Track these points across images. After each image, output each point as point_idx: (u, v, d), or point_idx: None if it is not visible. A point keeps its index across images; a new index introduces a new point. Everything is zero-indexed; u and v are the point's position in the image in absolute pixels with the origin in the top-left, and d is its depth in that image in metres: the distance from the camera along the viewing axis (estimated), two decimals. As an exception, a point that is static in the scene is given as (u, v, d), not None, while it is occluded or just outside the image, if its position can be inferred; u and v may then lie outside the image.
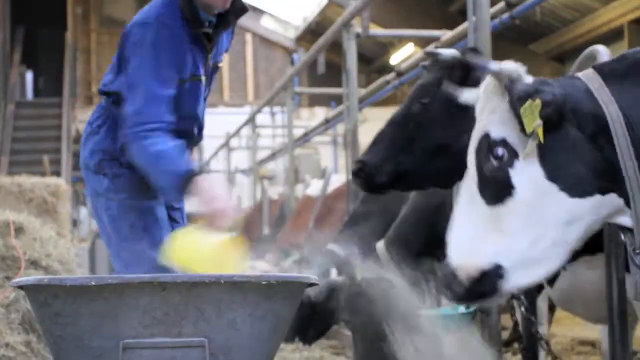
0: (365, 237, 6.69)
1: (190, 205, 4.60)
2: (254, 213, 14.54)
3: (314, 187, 12.05)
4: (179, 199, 4.35)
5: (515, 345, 6.12)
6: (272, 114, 18.47)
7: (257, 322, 3.28)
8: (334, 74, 12.18)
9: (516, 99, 3.02)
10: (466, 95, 3.73)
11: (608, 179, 3.09)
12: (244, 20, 22.99)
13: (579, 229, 3.14)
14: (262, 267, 9.34)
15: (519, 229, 3.10)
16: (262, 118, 17.84)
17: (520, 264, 3.12)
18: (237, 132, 18.54)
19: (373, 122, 18.55)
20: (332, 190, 10.73)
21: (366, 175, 4.86)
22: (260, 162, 17.65)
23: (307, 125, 16.27)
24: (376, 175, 4.87)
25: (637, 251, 3.15)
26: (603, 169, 3.08)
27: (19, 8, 25.61)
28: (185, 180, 4.11)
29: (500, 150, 3.12)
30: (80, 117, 22.49)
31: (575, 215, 3.13)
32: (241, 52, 25.90)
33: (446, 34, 8.30)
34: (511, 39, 17.75)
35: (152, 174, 4.25)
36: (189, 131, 4.46)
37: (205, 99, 4.62)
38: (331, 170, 12.70)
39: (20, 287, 3.30)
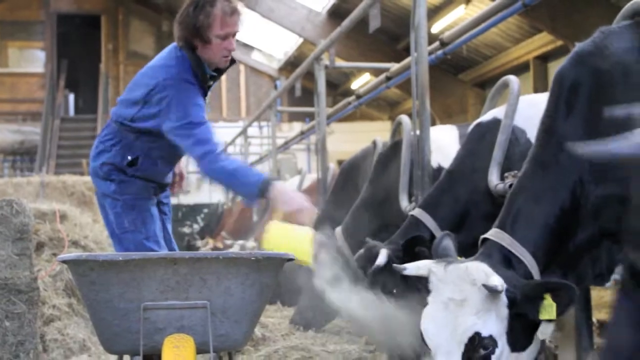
0: (331, 223, 6.70)
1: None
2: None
3: (288, 184, 12.00)
4: (256, 202, 4.19)
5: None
6: (260, 127, 18.43)
7: (247, 288, 3.28)
8: (307, 96, 12.16)
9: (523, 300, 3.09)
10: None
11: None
12: (239, 55, 22.91)
13: None
14: (250, 245, 9.29)
15: None
16: (252, 130, 17.81)
17: None
18: (232, 141, 18.47)
19: (338, 134, 18.65)
20: (307, 186, 10.71)
21: None
22: (251, 164, 17.56)
23: (287, 136, 16.24)
24: None
25: None
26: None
27: (63, 45, 25.58)
28: (262, 186, 3.96)
29: (488, 344, 3.10)
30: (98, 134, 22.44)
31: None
32: (236, 79, 25.82)
33: (394, 66, 8.31)
34: (444, 70, 17.80)
35: (233, 186, 4.21)
36: (178, 157, 4.47)
37: None
38: (305, 171, 12.68)
39: (64, 262, 3.28)
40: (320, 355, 5.53)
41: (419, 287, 3.37)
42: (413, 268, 3.43)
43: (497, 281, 3.05)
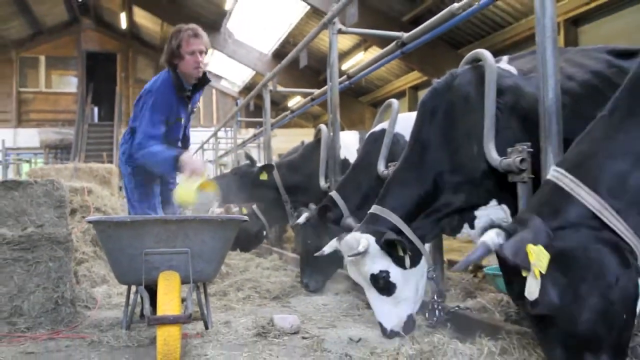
0: None
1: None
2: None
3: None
4: (173, 173, 4.10)
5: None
6: (226, 131, 18.23)
7: (216, 240, 3.27)
8: (258, 110, 12.09)
9: (384, 244, 3.23)
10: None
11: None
12: (212, 83, 22.64)
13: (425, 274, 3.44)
14: (218, 211, 9.21)
15: (409, 298, 3.34)
16: (220, 133, 17.60)
17: (414, 306, 3.37)
18: (207, 141, 18.25)
19: (279, 137, 18.58)
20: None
21: None
22: (219, 157, 17.39)
23: (244, 138, 16.12)
24: None
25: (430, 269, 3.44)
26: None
27: (90, 73, 25.14)
28: (174, 161, 3.85)
29: (383, 275, 3.27)
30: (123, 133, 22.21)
31: (423, 271, 3.40)
32: (210, 98, 25.68)
33: (316, 91, 8.32)
34: (350, 94, 17.88)
35: (154, 167, 4.06)
36: (174, 144, 4.32)
37: (187, 127, 4.46)
38: (256, 162, 12.56)
39: (90, 222, 3.22)
40: (266, 285, 5.52)
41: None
42: (328, 247, 3.62)
43: (361, 246, 3.23)
